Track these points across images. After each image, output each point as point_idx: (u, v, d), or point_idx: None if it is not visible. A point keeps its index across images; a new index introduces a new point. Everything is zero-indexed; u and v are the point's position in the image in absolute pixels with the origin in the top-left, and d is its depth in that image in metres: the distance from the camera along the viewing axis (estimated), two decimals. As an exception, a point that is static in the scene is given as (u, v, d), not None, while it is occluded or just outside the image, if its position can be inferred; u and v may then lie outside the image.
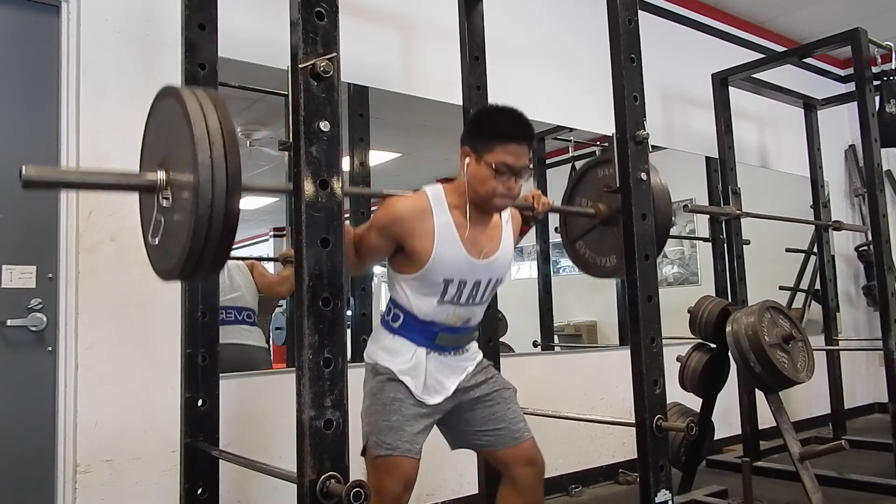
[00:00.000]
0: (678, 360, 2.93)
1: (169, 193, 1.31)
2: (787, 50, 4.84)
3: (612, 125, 1.98)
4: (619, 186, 1.96)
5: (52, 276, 2.27)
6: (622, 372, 2.05)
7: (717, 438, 3.37)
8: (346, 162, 2.08)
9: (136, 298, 2.34)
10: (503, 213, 1.93)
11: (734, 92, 4.13)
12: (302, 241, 1.25)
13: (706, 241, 4.60)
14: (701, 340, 2.94)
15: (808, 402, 4.70)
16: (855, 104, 3.50)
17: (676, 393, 2.68)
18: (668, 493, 1.83)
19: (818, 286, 4.65)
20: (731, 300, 3.75)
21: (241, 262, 3.02)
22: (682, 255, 4.80)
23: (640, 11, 1.98)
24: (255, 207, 4.84)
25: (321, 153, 1.27)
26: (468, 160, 1.81)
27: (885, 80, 3.60)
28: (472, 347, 1.97)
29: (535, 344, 3.86)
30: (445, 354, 1.87)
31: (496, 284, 1.95)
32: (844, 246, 5.41)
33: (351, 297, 2.99)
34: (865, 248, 5.15)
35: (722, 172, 4.05)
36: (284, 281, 2.95)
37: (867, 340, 5.25)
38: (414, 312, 1.84)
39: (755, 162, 4.84)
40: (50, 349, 2.26)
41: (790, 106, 4.58)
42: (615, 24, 1.94)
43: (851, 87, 4.06)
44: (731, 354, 2.74)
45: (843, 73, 5.62)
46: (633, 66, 1.93)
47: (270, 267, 3.38)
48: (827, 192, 4.66)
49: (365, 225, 1.86)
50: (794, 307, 4.79)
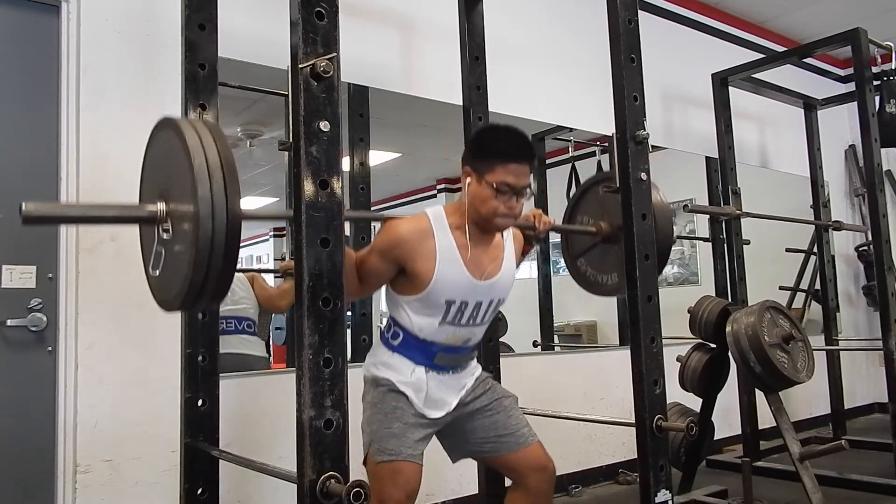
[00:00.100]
0: (678, 360, 2.93)
1: (169, 225, 1.31)
2: (787, 50, 4.84)
3: (612, 125, 1.98)
4: (618, 186, 1.96)
5: (52, 276, 2.27)
6: (622, 372, 2.05)
7: (717, 438, 3.37)
8: (346, 162, 2.08)
9: (136, 298, 2.33)
10: (505, 233, 1.93)
11: (734, 92, 4.13)
12: (302, 241, 1.25)
13: (706, 241, 4.60)
14: (701, 340, 2.94)
15: (808, 402, 4.70)
16: (855, 104, 3.50)
17: (676, 393, 2.68)
18: (668, 493, 1.83)
19: (818, 286, 4.65)
20: (731, 300, 3.75)
21: (241, 274, 3.01)
22: (682, 255, 4.80)
23: (640, 11, 1.98)
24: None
25: (321, 153, 1.27)
26: (469, 180, 1.81)
27: (885, 80, 3.60)
28: (471, 364, 1.97)
29: (535, 344, 3.86)
30: (444, 373, 1.88)
31: (498, 305, 1.95)
32: (844, 246, 5.41)
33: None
34: (865, 248, 5.15)
35: (722, 172, 4.05)
36: (285, 294, 2.94)
37: (867, 340, 5.25)
38: (414, 332, 1.84)
39: (755, 162, 4.84)
40: (50, 349, 2.26)
41: (790, 106, 4.58)
42: (615, 24, 1.94)
43: (851, 87, 4.06)
44: (731, 354, 2.74)
45: (843, 73, 5.62)
46: (633, 66, 1.93)
47: (269, 277, 3.38)
48: (827, 192, 4.66)
49: (366, 249, 1.85)
50: (794, 307, 4.79)
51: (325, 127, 1.27)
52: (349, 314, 2.85)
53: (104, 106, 2.37)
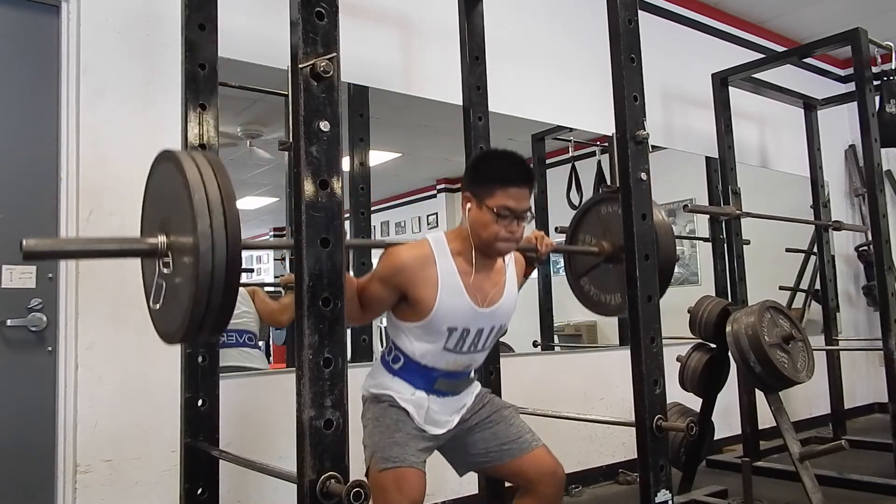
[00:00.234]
0: (678, 360, 2.93)
1: (170, 259, 1.31)
2: (787, 50, 4.84)
3: (612, 125, 1.98)
4: (619, 186, 1.96)
5: (52, 276, 2.27)
6: (622, 372, 2.05)
7: (717, 438, 3.37)
8: (346, 162, 2.08)
9: (136, 298, 2.31)
10: (506, 257, 1.93)
11: (734, 92, 4.13)
12: (302, 241, 1.25)
13: (706, 241, 4.60)
14: (701, 340, 2.94)
15: (808, 402, 4.70)
16: (855, 104, 3.50)
17: (676, 393, 2.68)
18: (668, 493, 1.83)
19: (818, 286, 4.65)
20: (731, 300, 3.75)
21: (242, 288, 3.01)
22: (682, 255, 4.80)
23: (640, 11, 1.98)
24: (254, 207, 4.85)
25: (321, 153, 1.27)
26: (469, 206, 1.81)
27: (885, 80, 3.60)
28: (471, 385, 1.98)
29: (535, 344, 3.86)
30: (444, 397, 1.89)
31: (499, 332, 1.95)
32: (844, 246, 5.41)
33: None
34: (865, 248, 5.15)
35: (722, 172, 4.05)
36: (286, 309, 2.94)
37: (867, 340, 5.25)
38: (416, 358, 1.84)
39: (755, 162, 4.84)
40: (50, 349, 2.26)
41: (790, 106, 4.58)
42: (615, 24, 1.94)
43: (851, 87, 4.06)
44: (731, 354, 2.74)
45: (843, 73, 5.62)
46: (633, 66, 1.93)
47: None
48: (827, 192, 4.66)
49: (367, 276, 1.85)
50: (794, 307, 4.79)
51: (325, 127, 1.27)
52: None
53: (104, 106, 2.37)
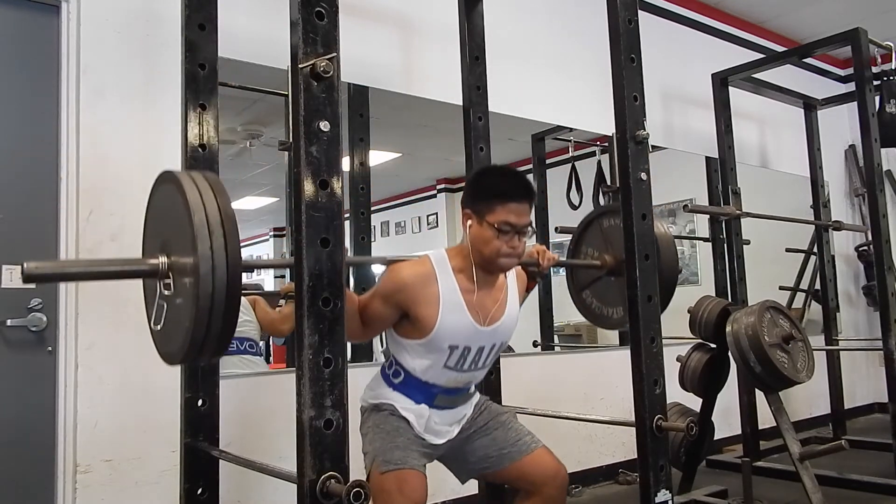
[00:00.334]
0: (678, 360, 2.93)
1: (171, 280, 1.32)
2: (787, 50, 4.84)
3: (612, 125, 1.97)
4: (619, 186, 1.96)
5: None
6: (622, 372, 2.05)
7: (717, 438, 3.37)
8: (346, 162, 2.08)
9: (136, 298, 2.32)
10: (508, 273, 1.93)
11: (734, 92, 4.13)
12: (302, 240, 1.25)
13: (706, 241, 4.60)
14: (701, 340, 2.94)
15: (808, 402, 4.70)
16: (855, 104, 3.50)
17: (676, 393, 2.68)
18: (668, 493, 1.82)
19: (818, 286, 4.65)
20: (731, 300, 3.75)
21: (243, 298, 3.01)
22: (682, 255, 4.80)
23: (640, 11, 1.97)
24: (254, 207, 4.84)
25: (321, 153, 1.27)
26: (470, 222, 1.81)
27: (885, 80, 3.60)
28: (471, 398, 1.99)
29: (535, 344, 3.86)
30: (444, 410, 1.89)
31: (500, 348, 1.96)
32: (844, 246, 5.41)
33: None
34: (865, 248, 5.15)
35: (722, 172, 4.05)
36: (286, 319, 2.95)
37: (867, 340, 5.25)
38: (416, 374, 1.85)
39: (755, 162, 4.84)
40: (50, 349, 2.26)
41: (790, 106, 4.58)
42: (615, 24, 1.93)
43: (851, 87, 4.06)
44: (731, 354, 2.74)
45: (843, 73, 5.62)
46: (633, 66, 1.93)
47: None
48: (827, 192, 4.66)
49: (369, 293, 1.85)
50: (794, 307, 4.79)
51: (325, 127, 1.27)
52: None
53: (104, 106, 2.37)
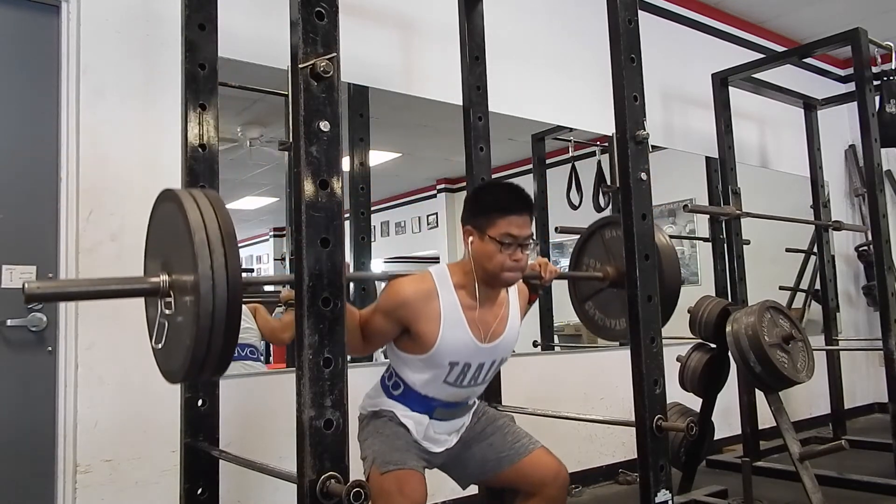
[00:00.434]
0: (678, 360, 2.93)
1: (172, 299, 1.32)
2: (787, 50, 4.84)
3: (612, 125, 1.97)
4: (619, 186, 1.96)
5: (52, 276, 2.27)
6: (622, 372, 2.05)
7: (717, 438, 3.37)
8: (346, 162, 2.08)
9: (135, 299, 2.34)
10: (509, 288, 1.93)
11: (734, 92, 4.13)
12: (302, 240, 1.25)
13: (706, 241, 4.60)
14: (701, 340, 2.93)
15: (808, 402, 4.70)
16: (855, 104, 3.50)
17: (676, 393, 2.68)
18: (668, 493, 1.82)
19: (818, 286, 4.65)
20: (731, 300, 3.75)
21: (244, 305, 3.02)
22: (682, 255, 4.80)
23: (640, 11, 1.97)
24: (255, 207, 4.84)
25: (321, 153, 1.26)
26: (472, 239, 1.81)
27: (885, 80, 3.60)
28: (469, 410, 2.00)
29: (535, 344, 3.86)
30: (442, 421, 1.90)
31: (500, 364, 1.96)
32: (844, 246, 5.41)
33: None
34: (865, 248, 5.15)
35: (722, 172, 4.05)
36: (287, 327, 2.95)
37: (867, 340, 5.25)
38: (416, 388, 1.85)
39: (755, 162, 4.84)
40: (50, 349, 2.26)
41: (790, 106, 4.58)
42: (615, 24, 1.93)
43: (851, 87, 4.06)
44: (731, 354, 2.74)
45: (843, 73, 5.62)
46: (633, 66, 1.93)
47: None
48: (827, 192, 4.66)
49: (370, 308, 1.86)
50: (794, 307, 4.79)
51: (325, 127, 1.27)
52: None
53: (104, 106, 2.37)
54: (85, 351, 2.27)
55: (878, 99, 3.54)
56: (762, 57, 4.50)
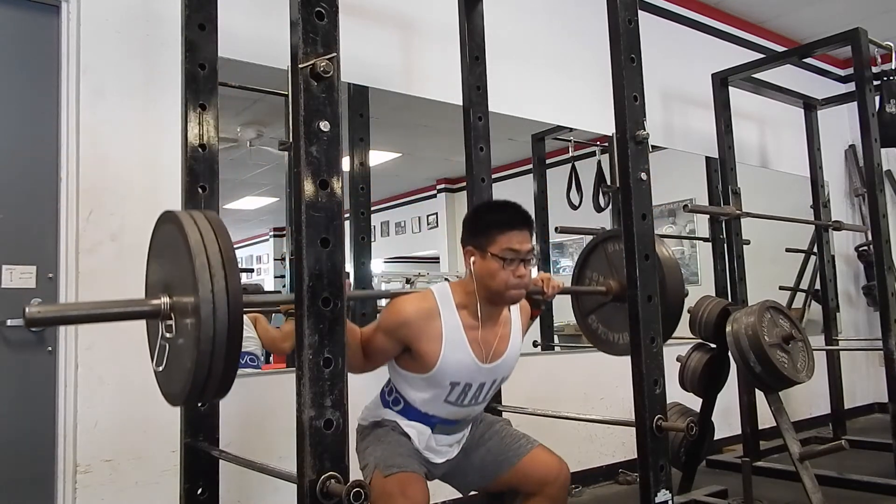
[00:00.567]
0: (678, 360, 2.93)
1: (173, 322, 1.32)
2: (787, 50, 4.84)
3: (612, 125, 1.97)
4: (619, 186, 1.96)
5: (52, 276, 2.27)
6: (622, 372, 2.05)
7: (717, 438, 3.37)
8: (346, 162, 2.08)
9: (135, 296, 2.34)
10: (512, 306, 1.93)
11: (734, 92, 4.13)
12: (302, 240, 1.25)
13: (706, 241, 4.60)
14: (701, 340, 2.94)
15: (808, 402, 4.70)
16: (855, 104, 3.50)
17: (676, 393, 2.68)
18: (668, 493, 1.82)
19: (818, 286, 4.65)
20: (731, 300, 3.75)
21: (245, 315, 3.02)
22: (682, 255, 4.80)
23: (640, 11, 1.97)
24: (255, 207, 4.84)
25: (321, 153, 1.26)
26: (473, 258, 1.81)
27: (885, 80, 3.60)
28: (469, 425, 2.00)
29: (535, 344, 3.86)
30: (443, 435, 1.91)
31: (501, 383, 1.96)
32: (844, 246, 5.41)
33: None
34: (865, 248, 5.15)
35: (722, 172, 4.05)
36: (287, 337, 2.95)
37: (867, 340, 5.25)
38: (416, 406, 1.86)
39: (755, 162, 4.84)
40: (50, 349, 2.26)
41: (790, 106, 4.58)
42: (615, 24, 1.94)
43: (851, 87, 4.06)
44: (731, 354, 2.74)
45: (843, 73, 5.62)
46: (633, 66, 1.93)
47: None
48: (827, 192, 4.66)
49: (372, 326, 1.86)
50: (794, 307, 4.79)
51: (325, 127, 1.27)
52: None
53: (104, 106, 2.37)
54: (85, 351, 2.27)
55: (878, 99, 3.54)
56: (762, 57, 4.50)
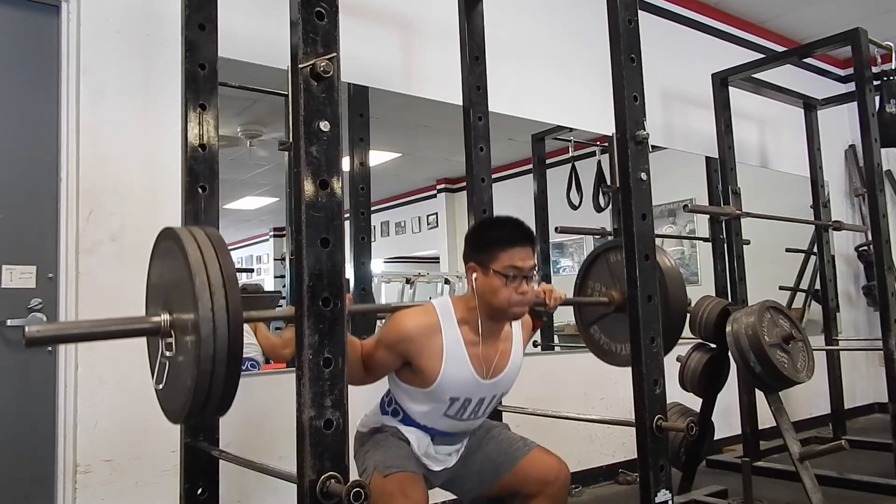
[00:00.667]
0: (678, 360, 2.93)
1: (173, 340, 1.32)
2: (787, 50, 4.84)
3: (612, 125, 1.97)
4: (619, 186, 1.96)
5: (52, 276, 2.27)
6: (622, 372, 2.05)
7: (717, 438, 3.37)
8: (346, 162, 2.08)
9: (136, 298, 2.32)
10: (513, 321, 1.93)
11: (734, 92, 4.13)
12: (302, 240, 1.25)
13: (706, 241, 4.60)
14: (701, 340, 2.93)
15: (808, 402, 4.70)
16: (855, 104, 3.50)
17: (676, 393, 2.68)
18: (668, 493, 1.82)
19: (818, 286, 4.65)
20: (731, 300, 3.75)
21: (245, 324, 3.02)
22: (682, 255, 4.80)
23: (640, 11, 1.97)
24: (255, 207, 4.84)
25: (321, 153, 1.27)
26: (475, 275, 1.80)
27: (885, 80, 3.60)
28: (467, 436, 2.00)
29: (535, 344, 3.85)
30: (442, 445, 1.91)
31: (501, 397, 1.97)
32: (844, 246, 5.41)
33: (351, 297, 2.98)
34: (865, 248, 5.15)
35: (722, 172, 4.05)
36: (288, 343, 2.96)
37: (867, 340, 5.25)
38: (415, 418, 1.86)
39: (755, 162, 4.84)
40: (50, 349, 2.26)
41: (790, 106, 4.58)
42: (615, 24, 1.94)
43: (851, 87, 4.06)
44: (731, 354, 2.73)
45: (843, 73, 5.62)
46: (633, 66, 1.93)
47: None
48: (827, 192, 4.66)
49: (373, 339, 1.86)
50: (794, 307, 4.79)
51: (325, 127, 1.27)
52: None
53: (104, 106, 2.37)
54: (85, 351, 2.27)
55: (878, 99, 3.54)
56: (762, 57, 4.50)
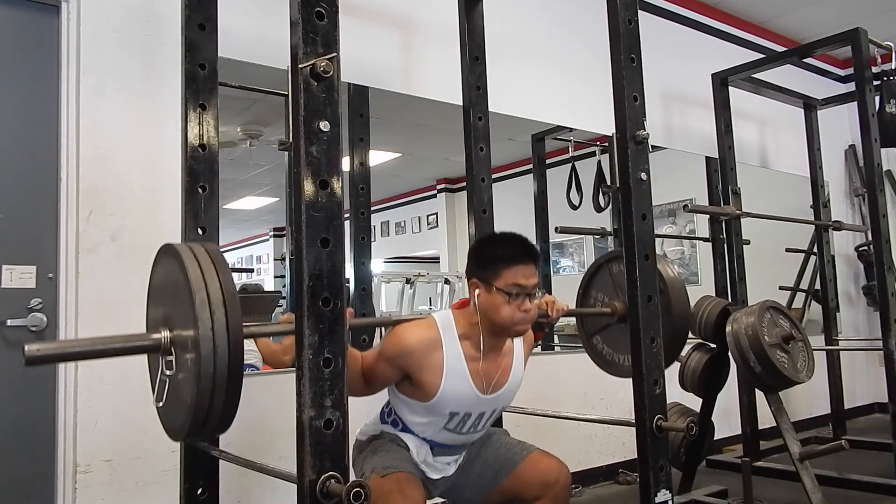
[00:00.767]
0: (678, 360, 2.93)
1: (173, 357, 1.32)
2: (787, 50, 4.84)
3: (612, 125, 1.97)
4: (618, 186, 1.96)
5: (52, 276, 2.27)
6: (622, 372, 2.05)
7: (717, 438, 3.37)
8: (346, 162, 2.08)
9: (136, 298, 2.33)
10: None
11: (734, 92, 4.13)
12: (302, 240, 1.25)
13: (706, 241, 4.60)
14: (701, 340, 2.94)
15: (808, 402, 4.70)
16: (855, 104, 3.50)
17: (676, 393, 2.68)
18: (668, 493, 1.82)
19: (818, 286, 4.65)
20: (731, 300, 3.75)
21: None
22: (682, 255, 4.80)
23: (640, 11, 1.97)
24: (254, 207, 4.84)
25: (321, 153, 1.26)
26: (478, 292, 1.79)
27: (885, 80, 3.60)
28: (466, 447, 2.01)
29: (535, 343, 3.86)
30: (441, 456, 1.92)
31: (501, 411, 1.98)
32: (844, 246, 5.41)
33: (351, 296, 2.98)
34: (865, 248, 5.15)
35: (722, 172, 4.05)
36: (288, 350, 2.96)
37: (867, 340, 5.25)
38: (415, 430, 1.87)
39: (755, 162, 4.84)
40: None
41: (790, 106, 4.58)
42: (615, 24, 1.94)
43: (851, 87, 4.06)
44: (731, 354, 2.74)
45: (843, 73, 5.62)
46: (633, 66, 1.93)
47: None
48: (827, 192, 4.66)
49: (373, 351, 1.85)
50: (794, 307, 4.79)
51: (325, 127, 1.27)
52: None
53: (104, 106, 2.37)
54: (85, 351, 2.27)
55: (878, 99, 3.54)
56: (762, 57, 4.50)
